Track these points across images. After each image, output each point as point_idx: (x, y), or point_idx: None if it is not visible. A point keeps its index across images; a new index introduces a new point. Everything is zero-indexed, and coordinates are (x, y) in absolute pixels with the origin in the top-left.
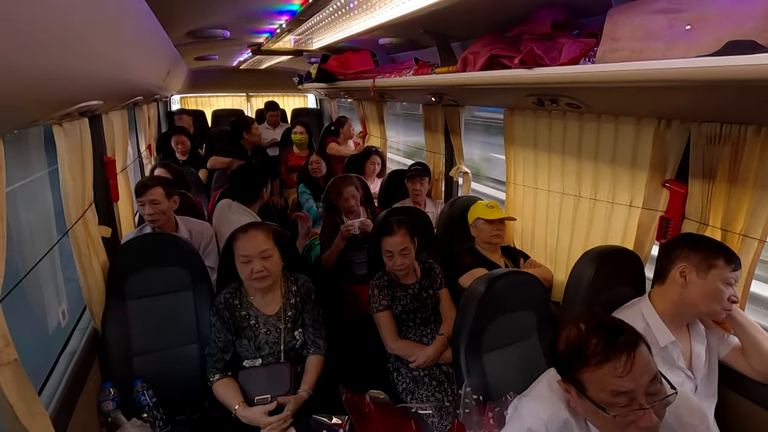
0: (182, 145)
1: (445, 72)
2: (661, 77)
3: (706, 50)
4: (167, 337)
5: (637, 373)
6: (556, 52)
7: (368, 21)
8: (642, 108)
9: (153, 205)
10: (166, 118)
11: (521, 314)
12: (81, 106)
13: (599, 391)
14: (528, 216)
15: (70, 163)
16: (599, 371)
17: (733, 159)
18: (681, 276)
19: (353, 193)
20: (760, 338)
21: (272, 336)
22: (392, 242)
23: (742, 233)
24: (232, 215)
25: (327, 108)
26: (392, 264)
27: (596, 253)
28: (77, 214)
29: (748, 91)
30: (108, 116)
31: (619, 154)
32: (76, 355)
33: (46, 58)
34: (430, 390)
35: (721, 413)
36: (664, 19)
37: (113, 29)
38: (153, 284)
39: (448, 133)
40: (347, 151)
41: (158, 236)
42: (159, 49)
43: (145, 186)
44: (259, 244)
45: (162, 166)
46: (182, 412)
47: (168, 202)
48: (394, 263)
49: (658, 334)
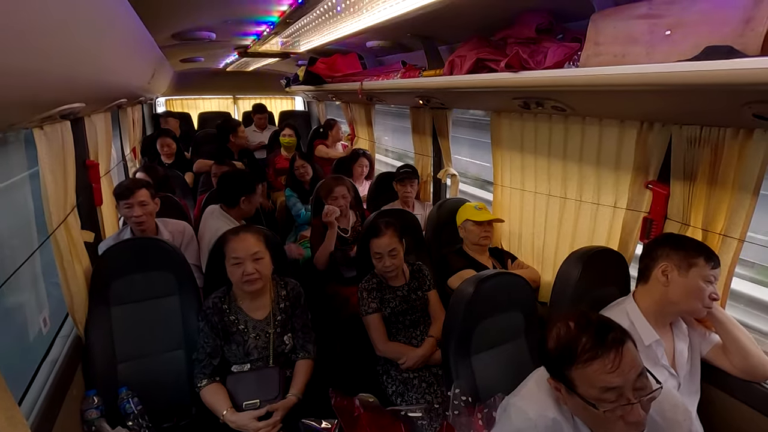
0: (168, 148)
1: (432, 75)
2: (642, 81)
3: (685, 55)
4: (153, 343)
5: (625, 368)
6: (541, 56)
7: (356, 24)
8: (625, 111)
9: (142, 206)
10: (151, 121)
11: (509, 315)
12: (62, 108)
13: (589, 387)
14: (515, 217)
15: (52, 167)
16: (589, 368)
17: (712, 161)
18: (663, 275)
19: (344, 193)
20: (740, 336)
21: (261, 341)
22: (380, 244)
23: (722, 233)
24: (213, 220)
25: (315, 110)
26: (381, 266)
27: (582, 254)
28: (59, 218)
29: (725, 95)
30: (91, 119)
31: (604, 156)
32: (58, 363)
33: (25, 59)
34: (420, 392)
35: (704, 409)
36: (645, 24)
37: (95, 30)
38: (138, 289)
39: (435, 136)
40: (335, 153)
41: (142, 240)
42: (143, 51)
43: (130, 189)
44: (251, 246)
45: (144, 169)
46: (169, 419)
47: (152, 203)
48: (384, 265)
49: (642, 332)
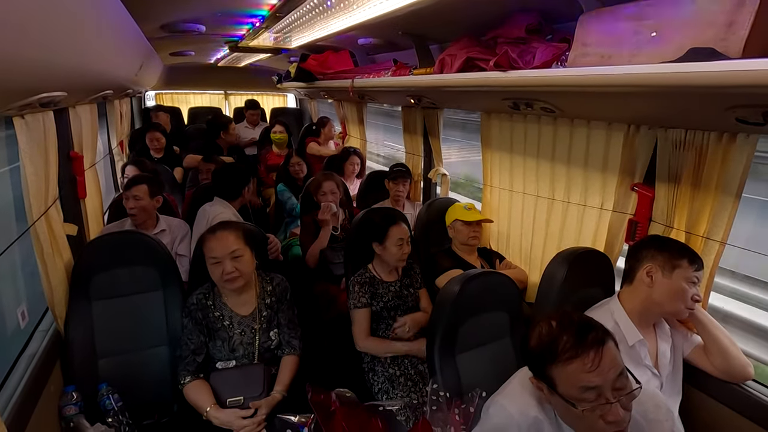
0: (157, 142)
1: (422, 74)
2: (627, 82)
3: (670, 57)
4: (135, 339)
5: (605, 368)
6: (530, 55)
7: (346, 20)
8: (612, 113)
9: (135, 200)
10: (140, 114)
11: (495, 314)
12: (42, 96)
13: (569, 386)
14: (504, 218)
15: (33, 158)
16: (569, 367)
17: (696, 164)
18: (647, 276)
19: (332, 189)
20: (721, 337)
21: (247, 337)
22: (400, 231)
23: (705, 236)
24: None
25: (307, 108)
26: (401, 253)
27: (568, 255)
28: (39, 210)
29: (708, 98)
30: (75, 110)
31: (591, 158)
32: (35, 358)
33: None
34: (405, 390)
35: (685, 410)
36: (631, 25)
37: (76, 15)
38: (120, 284)
39: (426, 135)
40: (327, 151)
41: (127, 234)
42: (130, 41)
43: (131, 182)
44: (229, 245)
45: (134, 163)
46: (150, 416)
47: (150, 200)
48: (403, 252)
49: (626, 333)
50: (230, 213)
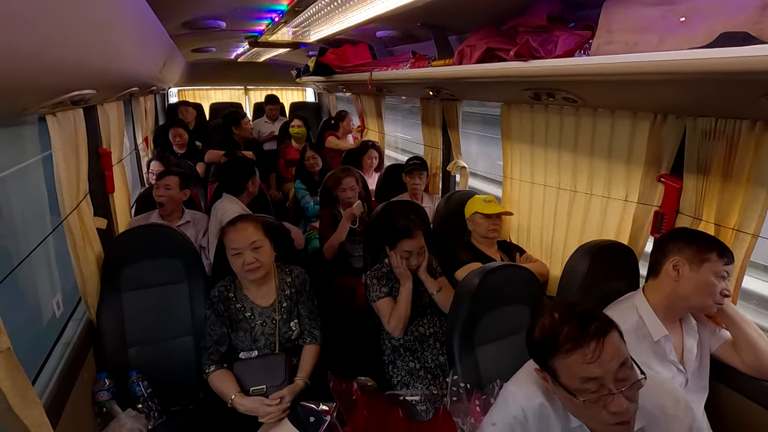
0: (180, 138)
1: (441, 65)
2: (654, 69)
3: (699, 42)
4: (162, 329)
5: (606, 359)
6: (552, 44)
7: (365, 12)
8: (637, 102)
9: (166, 188)
10: (163, 111)
11: (515, 308)
12: (73, 95)
13: (570, 377)
14: (524, 211)
15: (65, 153)
16: (570, 358)
17: (727, 154)
18: (674, 269)
19: (352, 185)
20: (751, 333)
21: (268, 327)
22: (412, 244)
23: (736, 228)
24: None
25: (325, 102)
26: (405, 264)
27: (590, 248)
28: (72, 204)
29: (741, 85)
30: (103, 107)
31: (615, 149)
32: (70, 346)
33: (36, 44)
34: (425, 383)
35: (713, 407)
36: (658, 11)
37: (105, 17)
38: (148, 276)
39: (445, 128)
40: (346, 145)
41: (153, 228)
42: (154, 40)
43: (164, 173)
44: (249, 236)
45: (159, 159)
46: (177, 402)
47: (179, 192)
48: (409, 264)
49: (651, 328)
50: (238, 208)
